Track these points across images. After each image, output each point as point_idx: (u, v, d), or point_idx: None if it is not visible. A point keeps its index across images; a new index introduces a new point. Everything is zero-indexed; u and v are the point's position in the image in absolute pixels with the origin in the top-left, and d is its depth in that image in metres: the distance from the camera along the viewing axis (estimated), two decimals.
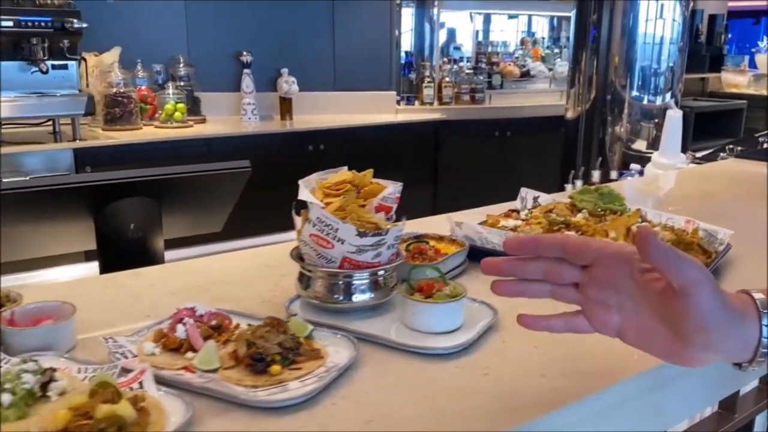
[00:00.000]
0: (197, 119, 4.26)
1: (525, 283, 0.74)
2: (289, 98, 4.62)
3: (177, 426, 0.74)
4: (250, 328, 0.91)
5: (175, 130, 4.01)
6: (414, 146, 4.76)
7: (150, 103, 4.19)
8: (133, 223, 1.36)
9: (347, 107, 4.79)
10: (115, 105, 3.92)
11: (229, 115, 4.51)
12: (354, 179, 1.23)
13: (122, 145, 3.66)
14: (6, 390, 0.76)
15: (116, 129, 3.88)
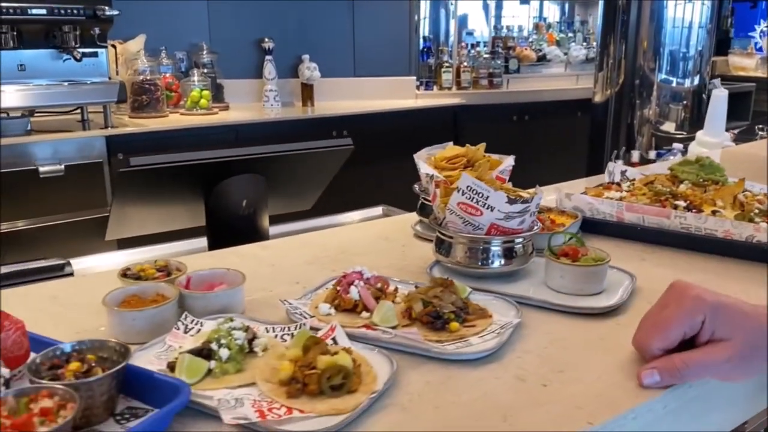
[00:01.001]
0: (221, 106, 4.27)
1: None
2: (310, 84, 4.64)
3: (388, 376, 0.79)
4: (421, 289, 0.96)
5: (202, 117, 4.02)
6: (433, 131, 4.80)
7: (175, 91, 4.20)
8: (245, 199, 1.40)
9: (368, 93, 4.81)
10: (142, 92, 3.93)
11: (251, 102, 4.53)
12: (467, 153, 1.28)
13: (153, 132, 3.66)
14: (223, 345, 0.81)
15: (143, 116, 3.89)
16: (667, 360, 0.78)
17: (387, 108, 4.59)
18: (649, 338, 0.81)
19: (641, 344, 0.83)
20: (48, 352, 0.75)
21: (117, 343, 0.76)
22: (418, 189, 1.38)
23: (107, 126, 3.55)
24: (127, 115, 3.90)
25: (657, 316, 0.82)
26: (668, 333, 0.79)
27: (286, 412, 0.72)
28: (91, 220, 3.28)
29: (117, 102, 3.59)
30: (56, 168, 3.21)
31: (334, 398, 0.75)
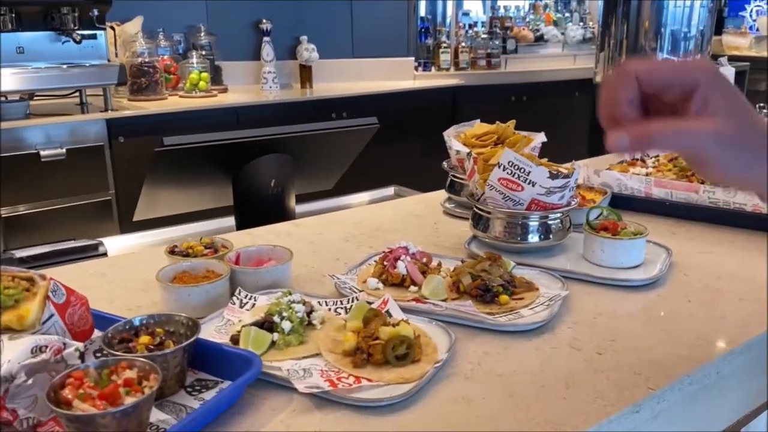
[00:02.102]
0: (219, 88, 4.23)
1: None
2: (309, 66, 4.61)
3: (449, 346, 0.81)
4: (468, 263, 0.98)
5: (202, 100, 3.98)
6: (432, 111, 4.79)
7: (173, 73, 4.16)
8: (273, 179, 1.40)
9: (366, 74, 4.79)
10: (140, 75, 3.88)
11: (249, 84, 4.49)
12: (497, 130, 1.30)
13: (153, 115, 3.63)
14: (284, 318, 0.82)
15: (142, 99, 3.84)
16: (641, 122, 0.59)
17: (386, 89, 4.57)
18: (626, 64, 0.60)
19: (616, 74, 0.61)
20: (117, 326, 0.76)
21: (185, 317, 0.77)
22: (447, 166, 1.39)
23: (107, 109, 3.51)
24: (126, 98, 3.86)
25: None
26: (651, 63, 0.59)
27: (355, 381, 0.74)
28: (93, 204, 3.28)
29: (117, 84, 3.55)
30: (57, 152, 3.18)
31: (400, 367, 0.77)
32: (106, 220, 3.35)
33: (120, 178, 3.34)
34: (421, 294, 0.94)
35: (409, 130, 4.50)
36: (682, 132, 0.58)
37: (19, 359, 0.67)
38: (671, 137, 0.58)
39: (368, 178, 2.32)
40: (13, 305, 0.72)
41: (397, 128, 4.09)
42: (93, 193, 3.29)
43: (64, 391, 0.63)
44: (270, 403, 0.72)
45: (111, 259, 1.15)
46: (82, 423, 0.60)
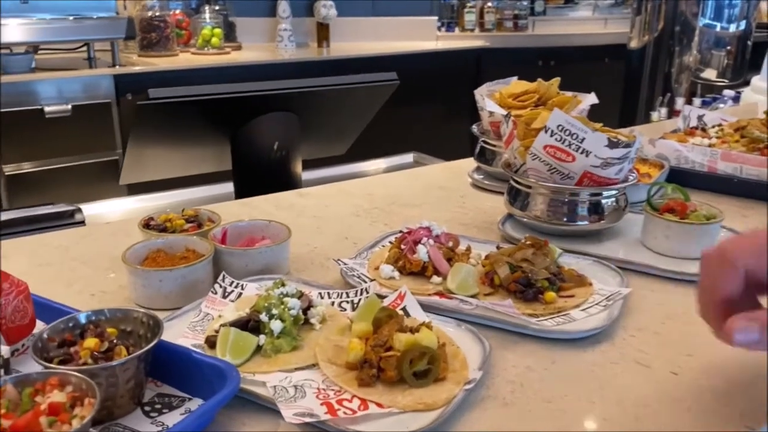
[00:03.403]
0: (233, 46, 4.04)
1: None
2: (326, 24, 4.40)
3: (482, 359, 0.63)
4: (506, 250, 0.79)
5: (214, 57, 3.80)
6: (454, 75, 4.56)
7: (185, 29, 3.98)
8: (276, 141, 1.22)
9: (386, 33, 4.57)
10: (151, 30, 3.71)
11: (264, 41, 4.30)
12: (538, 89, 1.10)
13: (163, 71, 3.46)
14: (274, 316, 0.65)
15: (152, 55, 3.68)
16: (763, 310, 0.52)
17: (406, 50, 4.35)
18: (736, 248, 0.53)
19: (721, 257, 0.53)
20: (58, 324, 0.59)
21: (145, 313, 0.60)
22: (477, 131, 1.20)
23: (115, 64, 3.35)
24: (135, 54, 3.69)
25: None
26: (761, 252, 0.52)
27: (361, 406, 0.57)
28: (100, 164, 3.14)
29: (125, 39, 3.39)
30: (63, 108, 3.04)
31: (419, 388, 0.59)
32: (112, 180, 3.22)
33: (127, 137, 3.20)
34: (446, 287, 0.76)
35: (429, 94, 4.29)
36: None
37: None
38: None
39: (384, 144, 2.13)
40: None
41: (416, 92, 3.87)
42: (99, 152, 3.16)
43: None
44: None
45: (80, 231, 0.98)
46: None
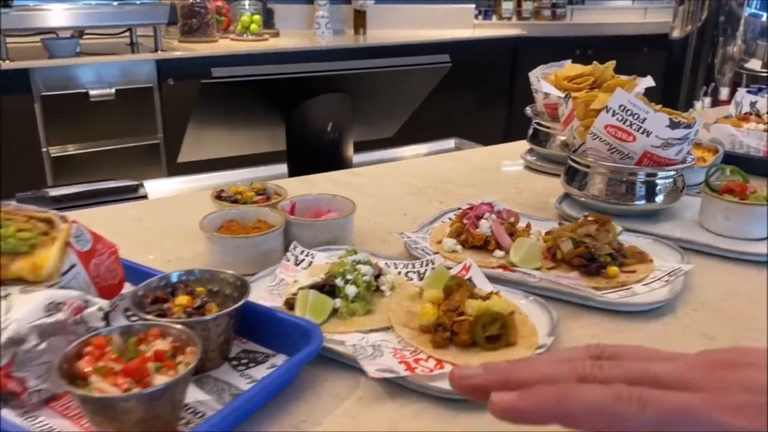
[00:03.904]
0: (271, 32, 4.08)
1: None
2: (363, 11, 4.41)
3: (550, 326, 0.65)
4: (568, 226, 0.81)
5: (253, 43, 3.84)
6: (490, 63, 4.54)
7: (225, 15, 4.03)
8: (330, 121, 1.25)
9: (423, 21, 4.57)
10: (192, 16, 3.76)
11: (302, 28, 4.33)
12: (594, 72, 1.11)
13: (203, 57, 3.51)
14: (349, 282, 0.68)
15: (192, 41, 3.72)
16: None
17: (443, 38, 4.34)
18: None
19: None
20: (151, 282, 0.63)
21: (232, 274, 0.64)
22: (531, 112, 1.21)
23: (157, 49, 3.41)
24: (176, 40, 3.75)
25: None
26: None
27: (437, 365, 0.60)
28: (141, 147, 3.20)
29: (168, 24, 3.45)
30: (106, 92, 3.11)
31: (491, 351, 0.62)
32: (153, 164, 3.29)
33: (168, 121, 3.26)
34: (509, 260, 0.79)
35: (464, 82, 4.28)
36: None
37: (30, 318, 0.54)
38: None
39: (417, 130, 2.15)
40: (27, 251, 0.59)
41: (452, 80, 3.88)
42: (141, 136, 3.23)
43: (81, 363, 0.50)
44: (332, 387, 0.59)
45: (151, 203, 1.02)
46: (99, 406, 0.47)
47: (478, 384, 0.42)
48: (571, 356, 0.43)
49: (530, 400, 0.40)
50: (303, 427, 0.53)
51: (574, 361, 0.42)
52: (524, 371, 0.42)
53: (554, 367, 0.42)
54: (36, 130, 2.89)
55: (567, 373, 0.41)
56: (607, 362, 0.41)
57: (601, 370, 0.41)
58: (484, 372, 0.42)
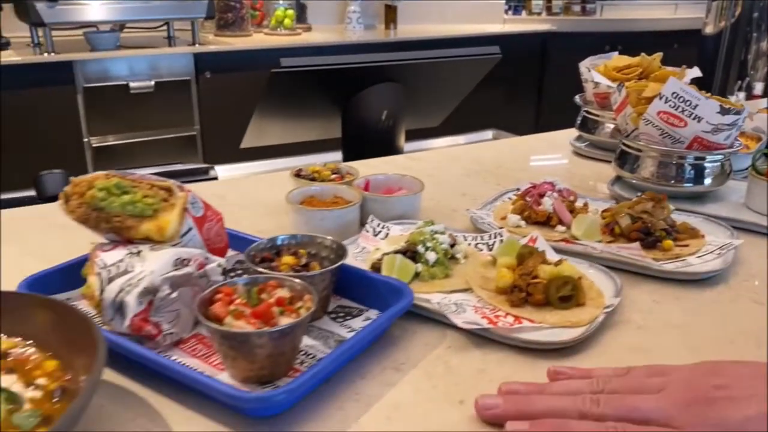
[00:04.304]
0: (303, 27, 4.15)
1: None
2: (394, 6, 4.46)
3: (614, 291, 0.72)
4: (626, 203, 0.87)
5: (286, 38, 3.91)
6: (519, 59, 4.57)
7: (258, 9, 4.11)
8: (386, 110, 1.32)
9: (453, 16, 4.61)
10: (227, 10, 3.84)
11: (333, 23, 4.40)
12: (641, 63, 1.17)
13: (239, 51, 3.59)
14: (429, 249, 0.75)
15: (227, 35, 3.81)
16: None
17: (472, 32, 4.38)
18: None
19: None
20: (259, 244, 0.71)
21: (331, 239, 0.71)
22: (580, 101, 1.27)
23: (195, 43, 3.49)
24: (211, 33, 3.83)
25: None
26: None
27: (515, 321, 0.67)
28: (179, 139, 3.30)
29: (206, 18, 3.52)
30: (146, 84, 3.19)
31: (563, 310, 0.68)
32: (190, 154, 3.37)
33: (205, 113, 3.34)
34: (571, 234, 0.85)
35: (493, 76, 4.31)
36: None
37: (162, 271, 0.62)
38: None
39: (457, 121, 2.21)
40: (151, 215, 0.67)
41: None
42: (178, 127, 3.31)
43: (215, 307, 0.58)
44: (421, 337, 0.66)
45: (227, 182, 1.10)
46: (237, 341, 0.55)
47: (498, 414, 0.53)
48: (576, 389, 0.53)
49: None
50: (402, 368, 0.61)
51: (576, 396, 0.52)
52: (536, 405, 0.52)
53: (560, 401, 0.52)
54: (78, 120, 2.99)
55: (569, 407, 0.51)
56: (603, 397, 0.51)
57: (597, 406, 0.50)
58: (503, 403, 0.53)
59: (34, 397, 0.50)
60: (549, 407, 0.52)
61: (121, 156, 3.16)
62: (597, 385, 0.53)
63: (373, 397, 0.57)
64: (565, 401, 0.52)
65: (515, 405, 0.53)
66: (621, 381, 0.54)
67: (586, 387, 0.53)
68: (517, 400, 0.54)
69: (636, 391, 0.51)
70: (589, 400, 0.51)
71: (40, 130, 2.84)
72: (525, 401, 0.53)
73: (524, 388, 0.56)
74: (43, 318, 0.56)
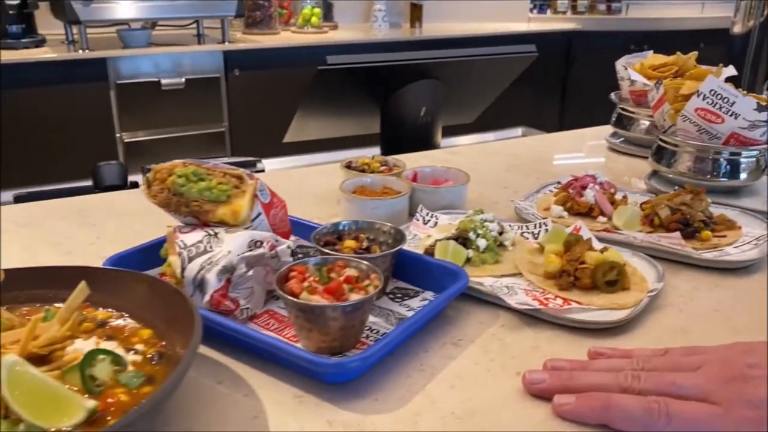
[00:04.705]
0: (330, 25, 4.20)
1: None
2: (420, 5, 4.50)
3: (656, 277, 0.76)
4: (665, 196, 0.91)
5: (313, 36, 3.96)
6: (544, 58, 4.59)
7: (286, 8, 4.16)
8: (425, 106, 1.37)
9: (478, 15, 4.63)
10: (256, 8, 3.90)
11: (359, 21, 4.44)
12: (677, 61, 1.20)
13: (268, 49, 3.64)
14: (480, 235, 0.79)
15: (255, 33, 3.86)
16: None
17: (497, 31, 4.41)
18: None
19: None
20: (322, 229, 0.76)
21: (390, 225, 0.76)
22: (616, 98, 1.30)
23: (224, 41, 3.55)
24: (239, 32, 3.89)
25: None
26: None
27: (563, 303, 0.71)
28: (207, 135, 3.36)
29: (235, 16, 3.58)
30: (177, 81, 3.25)
31: (609, 294, 0.73)
32: (218, 151, 3.42)
33: (234, 110, 3.39)
34: (613, 225, 0.89)
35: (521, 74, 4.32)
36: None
37: (239, 251, 0.67)
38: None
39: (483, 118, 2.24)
40: (225, 200, 0.72)
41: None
42: (207, 124, 3.36)
43: (290, 284, 0.63)
44: (476, 317, 0.71)
45: (273, 174, 1.16)
46: (313, 314, 0.60)
47: (544, 388, 0.57)
48: (618, 366, 0.56)
49: (584, 406, 0.53)
50: (461, 344, 0.65)
51: (618, 372, 0.55)
52: (580, 380, 0.56)
53: (603, 377, 0.55)
54: (111, 116, 3.06)
55: (612, 383, 0.54)
56: (644, 374, 0.54)
57: (638, 382, 0.54)
58: (549, 378, 0.57)
59: (135, 361, 0.55)
60: (592, 382, 0.55)
61: (150, 152, 3.22)
62: (637, 364, 0.56)
63: (436, 368, 0.61)
64: (607, 377, 0.55)
65: (560, 380, 0.57)
66: (660, 360, 0.56)
67: (627, 365, 0.56)
68: (562, 375, 0.57)
69: (674, 369, 0.54)
70: (631, 376, 0.54)
71: (74, 126, 2.92)
72: (569, 376, 0.57)
73: (568, 364, 0.59)
74: (137, 291, 0.62)
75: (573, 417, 0.54)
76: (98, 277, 0.62)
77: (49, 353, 0.54)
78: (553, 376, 0.57)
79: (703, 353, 0.55)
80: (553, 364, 0.59)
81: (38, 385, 0.49)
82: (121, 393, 0.51)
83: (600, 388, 0.54)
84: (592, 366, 0.58)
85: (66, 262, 0.80)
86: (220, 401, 0.56)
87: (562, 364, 0.59)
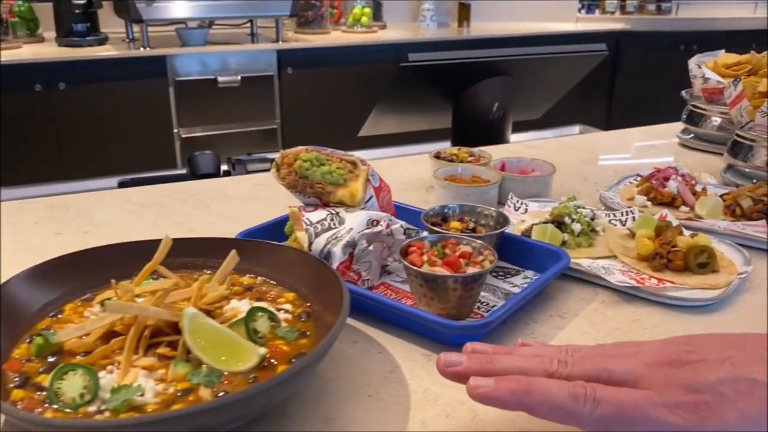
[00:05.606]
0: (379, 24, 4.27)
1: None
2: (468, 4, 4.53)
3: (743, 261, 0.81)
4: (747, 187, 0.95)
5: (363, 35, 4.03)
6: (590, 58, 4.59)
7: (336, 8, 4.24)
8: (497, 102, 1.42)
9: (526, 14, 4.65)
10: (308, 8, 3.98)
11: (407, 21, 4.50)
12: (751, 60, 1.23)
13: (319, 48, 3.72)
14: (574, 220, 0.85)
15: (307, 32, 3.94)
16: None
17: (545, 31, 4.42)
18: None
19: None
20: (428, 212, 0.82)
21: (493, 209, 0.82)
22: (687, 95, 1.34)
23: (278, 40, 3.64)
24: (291, 31, 3.98)
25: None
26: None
27: (658, 283, 0.76)
28: (260, 132, 3.45)
29: (290, 16, 3.66)
30: (233, 79, 3.34)
31: (701, 275, 0.77)
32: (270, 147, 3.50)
33: (286, 108, 3.47)
34: (695, 214, 0.94)
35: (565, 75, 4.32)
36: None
37: (359, 228, 0.74)
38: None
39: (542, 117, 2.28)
40: (343, 183, 0.79)
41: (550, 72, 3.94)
42: (261, 121, 3.44)
43: (411, 257, 0.70)
44: (576, 294, 0.76)
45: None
46: (436, 283, 0.67)
47: (460, 371, 0.49)
48: (542, 353, 0.50)
49: (502, 389, 0.46)
50: (566, 316, 0.71)
51: (543, 357, 0.49)
52: (500, 364, 0.49)
53: (526, 361, 0.49)
54: (169, 112, 3.17)
55: (536, 367, 0.48)
56: (571, 358, 0.48)
57: (565, 367, 0.48)
58: (466, 361, 0.50)
59: (286, 318, 0.63)
60: (514, 366, 0.49)
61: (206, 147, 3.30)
62: (566, 352, 0.50)
63: (547, 337, 0.67)
64: (532, 361, 0.49)
65: (479, 363, 0.50)
66: (591, 348, 0.51)
67: (555, 352, 0.50)
68: (481, 358, 0.50)
69: (607, 356, 0.48)
70: (557, 361, 0.48)
71: (134, 121, 3.03)
72: (489, 360, 0.50)
73: (491, 348, 0.53)
74: (278, 260, 0.69)
75: (489, 401, 0.47)
76: (241, 247, 0.70)
77: (212, 310, 0.62)
78: (471, 359, 0.50)
79: (640, 346, 0.49)
80: (474, 347, 0.53)
81: (216, 334, 0.56)
82: (281, 344, 0.58)
83: (523, 372, 0.48)
84: (517, 351, 0.52)
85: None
86: (358, 357, 0.63)
87: (484, 348, 0.53)
